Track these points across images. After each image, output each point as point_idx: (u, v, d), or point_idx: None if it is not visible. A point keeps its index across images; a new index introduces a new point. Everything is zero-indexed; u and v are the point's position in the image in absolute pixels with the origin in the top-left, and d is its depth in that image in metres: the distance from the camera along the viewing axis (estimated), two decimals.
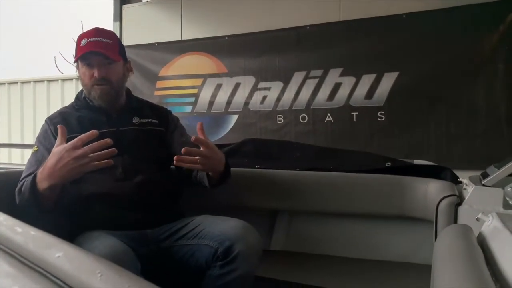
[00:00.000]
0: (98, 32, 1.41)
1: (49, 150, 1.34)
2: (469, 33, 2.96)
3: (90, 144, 1.11)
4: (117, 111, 1.45)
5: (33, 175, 1.20)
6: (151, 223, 1.33)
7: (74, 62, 1.42)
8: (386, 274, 1.49)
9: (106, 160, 1.12)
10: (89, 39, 1.37)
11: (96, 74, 1.37)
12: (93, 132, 1.12)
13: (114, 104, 1.45)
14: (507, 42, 2.88)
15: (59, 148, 1.14)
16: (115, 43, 1.42)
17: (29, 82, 5.56)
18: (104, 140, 1.11)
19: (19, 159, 5.43)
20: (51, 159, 1.15)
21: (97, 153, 1.11)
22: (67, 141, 1.33)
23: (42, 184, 1.17)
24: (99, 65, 1.38)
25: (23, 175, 1.31)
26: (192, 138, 1.21)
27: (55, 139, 1.35)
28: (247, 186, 1.68)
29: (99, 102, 1.42)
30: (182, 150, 1.18)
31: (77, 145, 1.11)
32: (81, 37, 1.39)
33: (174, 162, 1.19)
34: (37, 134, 1.44)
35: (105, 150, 1.12)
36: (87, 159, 1.11)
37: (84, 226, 1.28)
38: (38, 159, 1.34)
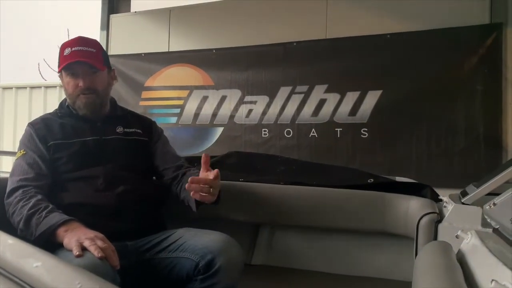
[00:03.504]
0: (81, 41, 1.40)
1: (36, 153, 1.33)
2: (450, 54, 3.05)
3: (108, 254, 1.05)
4: (101, 120, 1.44)
5: (62, 221, 1.13)
6: (131, 235, 1.31)
7: (58, 72, 1.40)
8: None
9: (100, 255, 1.03)
10: (73, 48, 1.36)
11: (81, 83, 1.36)
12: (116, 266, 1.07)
13: (98, 113, 1.43)
14: (486, 65, 2.98)
15: (102, 236, 1.10)
16: (98, 52, 1.41)
17: (11, 88, 5.45)
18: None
19: None
20: (89, 231, 1.11)
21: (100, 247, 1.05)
22: (51, 146, 1.35)
23: (61, 230, 1.12)
24: (84, 74, 1.36)
25: (17, 178, 1.28)
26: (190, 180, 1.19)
27: (40, 142, 1.34)
28: (230, 199, 1.67)
29: (84, 112, 1.40)
30: (189, 180, 1.18)
31: (105, 241, 1.08)
32: (64, 46, 1.38)
33: (186, 186, 1.19)
34: (18, 140, 1.41)
35: (105, 254, 1.04)
36: (100, 243, 1.06)
37: None
38: (28, 162, 1.31)
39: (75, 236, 1.07)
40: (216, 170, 1.23)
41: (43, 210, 1.17)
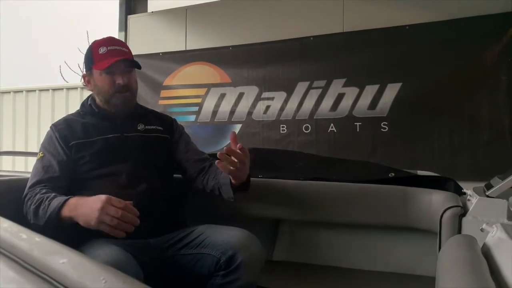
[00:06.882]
0: (114, 40, 1.44)
1: (54, 156, 1.35)
2: (472, 44, 2.97)
3: (123, 212, 1.10)
4: (122, 118, 1.46)
5: (66, 199, 1.19)
6: (154, 232, 1.33)
7: (98, 69, 1.39)
8: (389, 286, 1.48)
9: (122, 232, 1.11)
10: (109, 47, 1.38)
11: (120, 81, 1.38)
12: (132, 207, 1.12)
13: (131, 110, 1.47)
14: (510, 54, 2.89)
15: (105, 196, 1.13)
16: (130, 52, 1.45)
17: (34, 90, 5.59)
18: (129, 202, 1.12)
19: (23, 167, 5.45)
20: (90, 198, 1.15)
21: (120, 221, 1.10)
22: (73, 146, 1.36)
23: (66, 210, 1.18)
24: (122, 72, 1.39)
25: (30, 182, 1.31)
26: (225, 150, 1.19)
27: (60, 145, 1.36)
28: (250, 196, 1.67)
29: (120, 109, 1.43)
30: (224, 149, 1.17)
31: (114, 203, 1.11)
32: (97, 45, 1.40)
33: (218, 155, 1.17)
34: (41, 141, 1.44)
35: (128, 224, 1.11)
36: (108, 219, 1.10)
37: (87, 234, 1.27)
38: (44, 165, 1.34)
39: (85, 217, 1.13)
40: (239, 144, 1.20)
41: (46, 200, 1.21)
